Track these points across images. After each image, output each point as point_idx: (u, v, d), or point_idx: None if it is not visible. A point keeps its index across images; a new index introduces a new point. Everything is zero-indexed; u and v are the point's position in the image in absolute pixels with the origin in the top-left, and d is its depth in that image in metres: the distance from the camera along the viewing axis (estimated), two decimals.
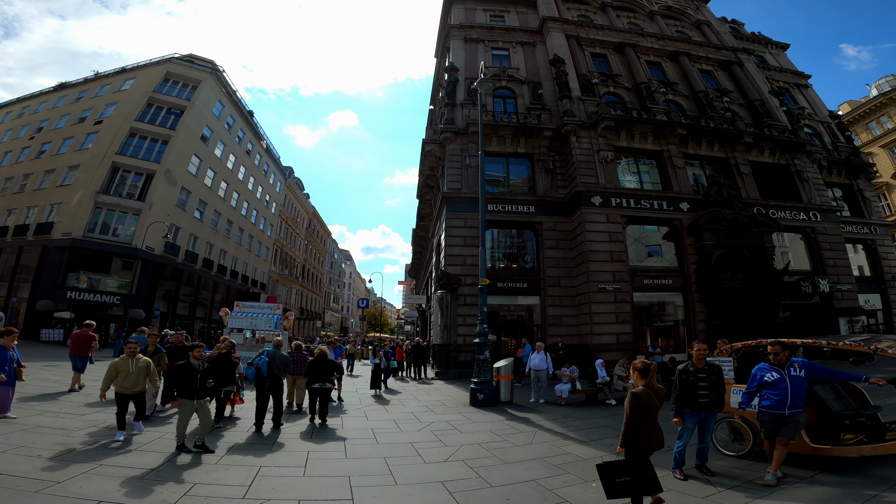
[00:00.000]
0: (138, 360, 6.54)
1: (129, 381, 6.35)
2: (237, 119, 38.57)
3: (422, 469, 5.71)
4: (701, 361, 5.54)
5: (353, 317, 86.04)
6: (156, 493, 4.48)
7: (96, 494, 4.30)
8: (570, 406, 10.69)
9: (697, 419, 5.37)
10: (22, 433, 6.16)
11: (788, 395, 5.07)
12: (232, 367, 7.94)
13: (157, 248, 27.32)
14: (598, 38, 25.17)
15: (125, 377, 6.34)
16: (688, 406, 5.35)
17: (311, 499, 4.60)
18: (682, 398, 5.39)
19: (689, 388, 5.37)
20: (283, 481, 5.06)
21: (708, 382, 5.36)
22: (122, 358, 6.45)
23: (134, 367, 6.42)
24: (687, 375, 5.45)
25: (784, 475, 5.14)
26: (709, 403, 5.33)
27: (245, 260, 40.29)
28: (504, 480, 5.28)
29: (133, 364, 6.43)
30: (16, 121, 34.71)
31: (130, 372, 6.37)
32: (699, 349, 5.60)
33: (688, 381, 5.40)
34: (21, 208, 28.32)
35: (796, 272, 19.86)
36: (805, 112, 27.19)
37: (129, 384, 6.34)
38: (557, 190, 20.07)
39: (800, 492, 4.80)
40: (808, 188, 21.69)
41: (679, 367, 5.61)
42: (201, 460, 5.66)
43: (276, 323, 15.42)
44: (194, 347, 6.48)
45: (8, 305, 24.93)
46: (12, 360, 6.82)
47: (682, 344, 18.22)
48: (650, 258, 19.45)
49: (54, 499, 4.13)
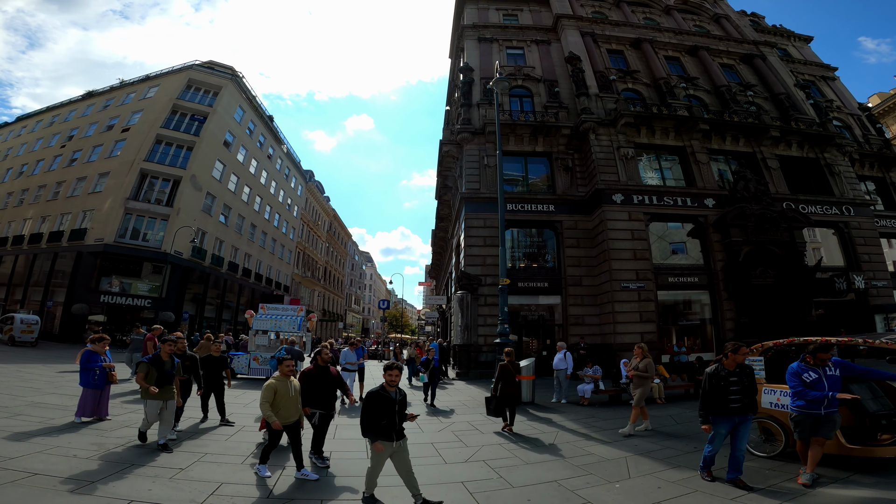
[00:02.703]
0: (293, 381, 5.42)
1: (289, 407, 5.19)
2: (258, 124, 39.34)
3: (442, 469, 5.71)
4: (732, 364, 5.12)
5: (374, 318, 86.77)
6: None
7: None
8: (592, 406, 10.55)
9: (731, 425, 5.00)
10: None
11: (826, 395, 4.92)
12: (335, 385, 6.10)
13: (185, 252, 28.07)
14: (614, 34, 24.82)
15: (284, 402, 5.15)
16: (718, 412, 4.99)
17: (332, 499, 4.65)
18: (712, 403, 5.03)
19: (719, 392, 4.99)
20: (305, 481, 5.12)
21: (739, 386, 4.98)
22: (278, 378, 5.27)
23: (293, 391, 5.29)
24: (718, 380, 5.04)
25: (818, 476, 5.01)
26: (742, 408, 4.95)
27: (269, 263, 41.06)
28: (525, 481, 5.24)
29: (291, 386, 5.30)
30: (47, 129, 36.15)
31: (290, 396, 5.22)
32: (743, 352, 5.17)
33: (718, 386, 5.01)
34: (55, 215, 29.47)
35: (829, 268, 19.17)
36: (833, 105, 26.33)
37: (289, 411, 5.19)
38: (577, 188, 19.84)
39: (835, 493, 4.67)
40: (839, 182, 20.96)
41: (708, 369, 5.24)
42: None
43: (300, 325, 15.67)
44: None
45: (44, 309, 26.01)
46: (104, 365, 7.29)
47: (709, 343, 17.82)
48: (675, 256, 19.06)
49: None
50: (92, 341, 7.47)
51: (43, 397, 8.90)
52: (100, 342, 7.47)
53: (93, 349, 7.35)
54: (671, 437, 7.38)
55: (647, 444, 6.98)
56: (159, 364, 6.18)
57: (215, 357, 8.03)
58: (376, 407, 4.32)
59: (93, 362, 7.21)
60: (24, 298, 27.84)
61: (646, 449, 6.64)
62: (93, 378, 7.14)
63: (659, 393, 11.02)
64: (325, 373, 5.93)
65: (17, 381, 10.50)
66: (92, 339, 7.51)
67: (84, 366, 7.19)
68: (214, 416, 7.81)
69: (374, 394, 4.40)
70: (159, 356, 6.28)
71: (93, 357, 7.25)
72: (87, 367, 7.19)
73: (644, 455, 6.32)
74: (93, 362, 7.21)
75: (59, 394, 9.32)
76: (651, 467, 5.75)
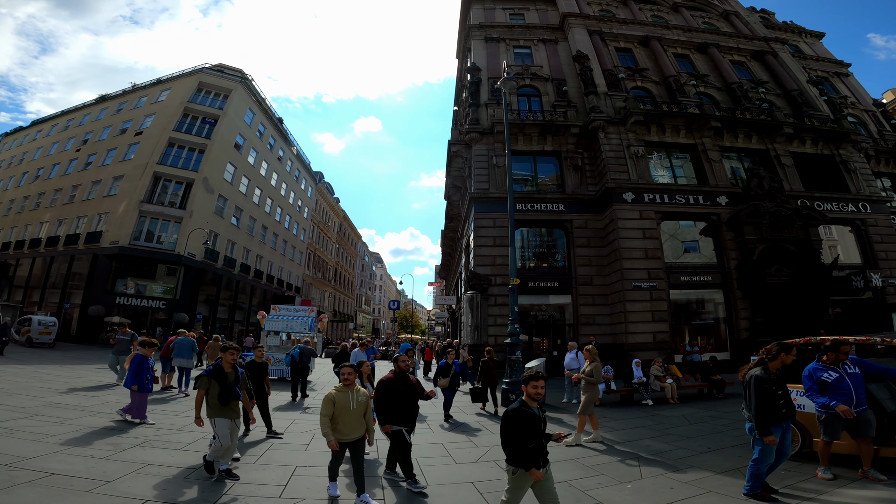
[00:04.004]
0: (357, 391, 4.76)
1: (351, 421, 4.58)
2: (268, 126, 39.69)
3: (452, 469, 5.70)
4: (779, 365, 4.77)
5: (384, 318, 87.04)
6: None
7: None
8: (604, 406, 10.47)
9: (781, 432, 4.60)
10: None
11: (853, 394, 4.86)
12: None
13: (198, 254, 28.42)
14: (622, 32, 24.68)
15: (344, 416, 4.57)
16: (774, 420, 4.52)
17: (343, 498, 4.67)
18: (767, 411, 4.51)
19: (772, 398, 4.53)
20: (316, 479, 5.08)
21: (783, 389, 4.64)
22: (338, 388, 4.70)
23: (355, 403, 4.65)
24: (769, 384, 4.58)
25: (834, 476, 4.98)
26: (789, 411, 4.63)
27: (280, 264, 41.40)
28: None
29: (353, 398, 4.65)
30: (62, 133, 36.85)
31: (352, 409, 4.60)
32: (794, 353, 4.82)
33: (770, 391, 4.56)
34: (71, 218, 30.03)
35: (846, 266, 18.84)
36: (847, 101, 25.95)
37: (349, 427, 4.57)
38: (587, 187, 19.72)
39: (853, 493, 4.62)
40: (855, 178, 20.60)
41: (754, 373, 4.69)
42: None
43: (311, 325, 15.77)
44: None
45: (61, 311, 26.49)
46: (152, 369, 7.51)
47: (723, 342, 17.64)
48: (687, 254, 18.86)
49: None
50: (141, 345, 7.63)
51: (60, 398, 9.06)
52: (149, 347, 7.61)
53: (142, 353, 7.51)
54: (684, 438, 7.30)
55: (659, 444, 6.91)
56: (221, 376, 5.20)
57: (258, 363, 7.57)
58: (522, 427, 3.47)
59: (143, 366, 7.37)
60: (41, 300, 28.41)
61: (658, 449, 6.58)
62: (144, 381, 7.30)
63: (672, 393, 10.91)
64: (406, 382, 5.18)
65: (35, 382, 10.71)
66: (141, 343, 7.67)
67: (135, 369, 7.33)
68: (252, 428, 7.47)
69: (516, 412, 3.52)
70: (221, 367, 5.31)
71: (143, 362, 7.40)
72: (138, 370, 7.33)
73: (656, 455, 6.26)
74: (143, 366, 7.37)
75: (76, 394, 9.48)
76: (663, 468, 5.69)
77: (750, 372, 4.76)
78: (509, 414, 3.54)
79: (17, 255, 31.18)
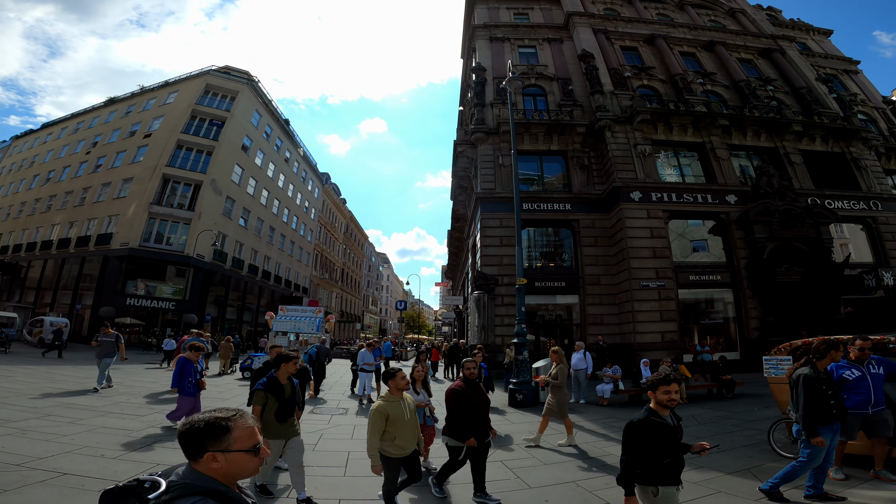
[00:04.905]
0: (406, 399, 4.26)
1: (408, 434, 4.07)
2: (274, 128, 39.93)
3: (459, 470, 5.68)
4: (828, 363, 4.64)
5: (391, 319, 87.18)
6: None
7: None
8: (612, 407, 10.43)
9: (832, 434, 4.45)
10: None
11: (871, 394, 4.79)
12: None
13: (207, 255, 28.65)
14: (627, 30, 24.54)
15: (400, 428, 4.01)
16: (823, 420, 4.36)
17: (352, 498, 4.67)
18: (817, 412, 4.35)
19: (822, 397, 4.39)
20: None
21: (833, 389, 4.53)
22: (387, 398, 4.16)
23: (409, 412, 4.16)
24: (819, 383, 4.42)
25: (846, 476, 4.94)
26: (839, 412, 4.48)
27: (287, 265, 41.63)
28: (543, 482, 5.21)
29: (406, 407, 4.15)
30: (72, 136, 37.26)
31: (407, 419, 4.09)
32: (862, 345, 4.68)
33: (820, 390, 4.41)
34: (82, 220, 30.37)
35: (858, 265, 18.58)
36: (857, 98, 25.63)
37: (407, 440, 4.05)
38: (594, 186, 19.63)
39: (867, 493, 4.59)
40: (866, 176, 20.37)
41: (802, 372, 4.54)
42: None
43: (318, 326, 15.86)
44: None
45: (73, 312, 26.80)
46: (198, 373, 7.46)
47: (733, 342, 17.49)
48: (696, 253, 18.72)
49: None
50: (191, 348, 7.57)
51: (72, 398, 9.17)
52: (195, 350, 7.57)
53: (188, 356, 7.43)
54: (693, 438, 7.14)
55: None
56: (278, 390, 4.52)
57: (301, 369, 7.18)
58: (655, 439, 2.99)
59: (188, 370, 7.29)
60: (53, 302, 28.77)
61: None
62: (188, 385, 7.23)
63: (681, 393, 10.82)
64: (477, 390, 4.74)
65: (48, 382, 10.85)
66: (190, 347, 7.61)
67: (179, 373, 7.27)
68: None
69: (645, 424, 3.05)
70: (277, 379, 4.61)
71: (188, 365, 7.33)
72: (181, 374, 7.27)
73: None
74: (188, 370, 7.29)
75: (87, 395, 9.59)
76: None
77: (798, 371, 4.62)
78: (636, 426, 3.06)
79: (30, 257, 31.60)
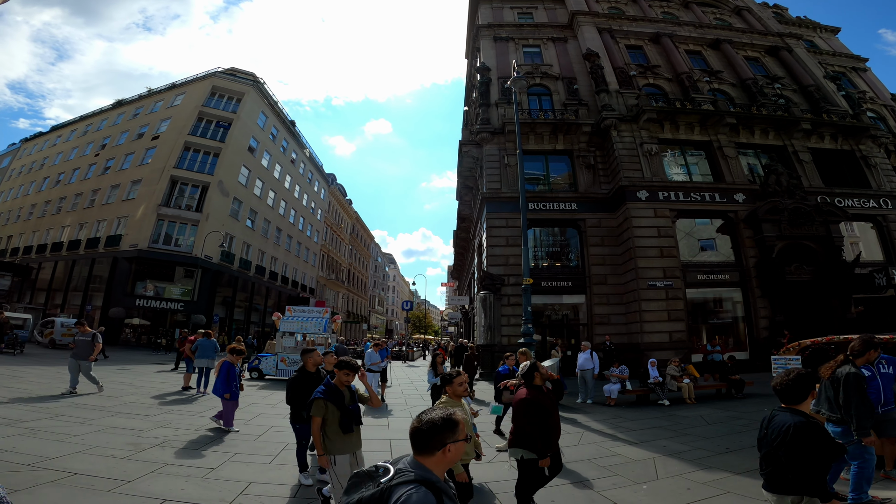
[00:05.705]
0: (464, 405, 3.85)
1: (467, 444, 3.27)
2: (280, 129, 40.13)
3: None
4: (866, 362, 4.53)
5: (397, 319, 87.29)
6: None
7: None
8: (619, 406, 10.37)
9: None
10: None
11: (881, 393, 4.72)
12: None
13: (215, 256, 28.85)
14: (632, 29, 24.45)
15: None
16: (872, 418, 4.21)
17: None
18: (868, 410, 4.19)
19: (866, 395, 4.25)
20: None
21: (871, 389, 4.49)
22: (451, 402, 3.74)
23: (470, 417, 3.89)
24: (864, 382, 4.26)
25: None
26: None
27: (294, 266, 41.82)
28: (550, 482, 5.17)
29: (467, 414, 3.79)
30: (81, 138, 37.69)
31: (469, 422, 3.70)
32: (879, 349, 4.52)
33: (865, 389, 4.25)
34: (91, 222, 30.71)
35: (868, 263, 18.36)
36: (866, 96, 25.43)
37: (468, 448, 3.77)
38: (600, 186, 19.55)
39: (877, 493, 4.48)
40: (876, 174, 20.15)
41: (846, 370, 4.36)
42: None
43: (325, 326, 15.88)
44: None
45: (83, 313, 27.08)
46: (239, 377, 7.52)
47: (742, 342, 17.37)
48: (703, 252, 18.59)
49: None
50: (231, 352, 7.60)
51: (82, 399, 9.27)
52: (237, 354, 7.60)
53: (230, 360, 7.45)
54: (701, 438, 7.19)
55: (676, 444, 6.82)
56: (338, 398, 4.04)
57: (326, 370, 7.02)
58: (826, 449, 2.58)
59: (232, 374, 7.32)
60: (63, 303, 29.11)
61: (675, 450, 6.49)
62: (232, 389, 7.26)
63: (689, 393, 10.75)
64: (549, 396, 4.31)
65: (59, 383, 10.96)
66: (230, 350, 7.64)
67: (224, 377, 7.30)
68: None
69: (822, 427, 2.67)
70: (335, 387, 4.12)
71: (232, 369, 7.35)
72: (228, 378, 7.30)
73: (672, 456, 6.17)
74: (232, 374, 7.32)
75: (97, 396, 9.69)
76: (680, 468, 5.61)
77: (841, 370, 4.43)
78: (815, 430, 2.60)
79: (40, 259, 31.98)
